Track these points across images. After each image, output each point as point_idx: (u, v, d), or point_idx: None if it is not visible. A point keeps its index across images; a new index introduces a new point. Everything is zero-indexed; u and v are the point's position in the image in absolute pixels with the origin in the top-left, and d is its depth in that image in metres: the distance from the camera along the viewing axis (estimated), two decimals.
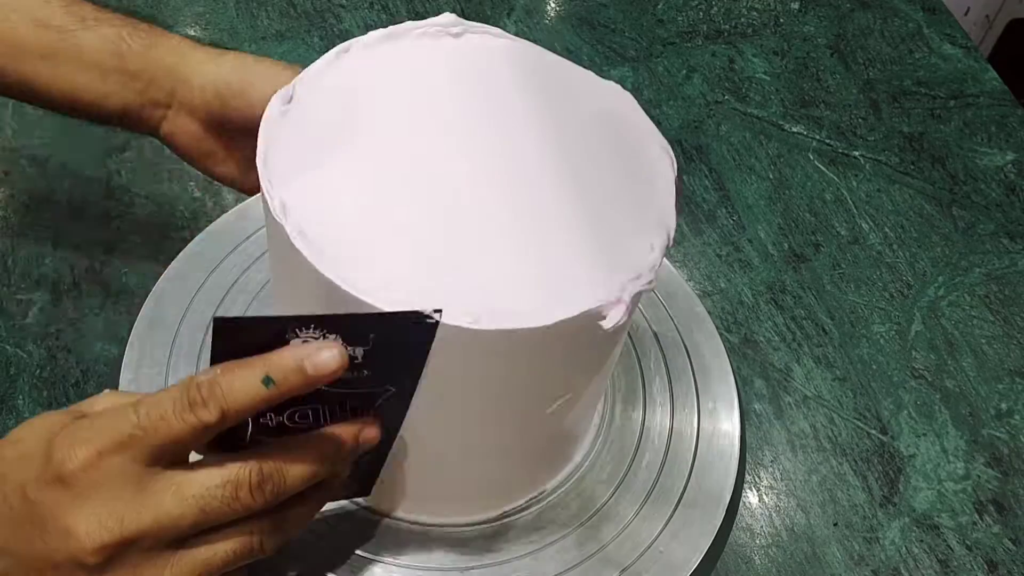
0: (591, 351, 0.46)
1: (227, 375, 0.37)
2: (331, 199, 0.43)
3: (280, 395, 0.37)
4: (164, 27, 0.57)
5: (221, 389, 0.36)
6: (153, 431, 0.36)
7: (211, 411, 0.36)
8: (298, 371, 0.37)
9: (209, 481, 0.37)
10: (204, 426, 0.36)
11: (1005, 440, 0.67)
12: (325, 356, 0.37)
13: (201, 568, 0.38)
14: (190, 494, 0.37)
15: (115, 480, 0.36)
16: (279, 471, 0.38)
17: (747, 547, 0.60)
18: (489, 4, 0.90)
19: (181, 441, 0.37)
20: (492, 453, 0.50)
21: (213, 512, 0.37)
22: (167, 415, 0.36)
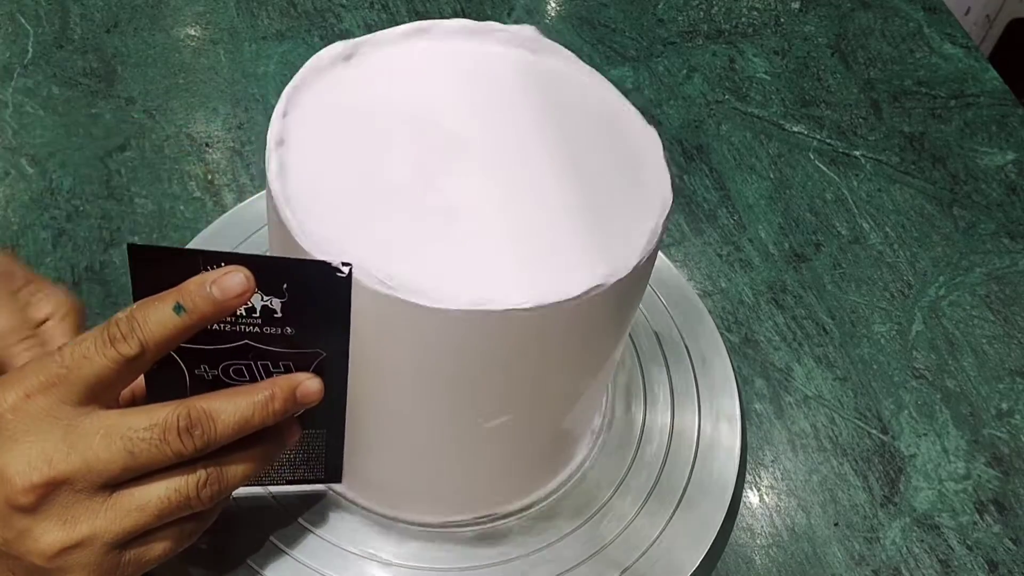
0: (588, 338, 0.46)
1: (142, 308, 0.37)
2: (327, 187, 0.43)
3: (193, 322, 0.38)
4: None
5: (137, 322, 0.37)
6: (77, 369, 0.37)
7: (131, 344, 0.37)
8: (206, 296, 0.37)
9: (136, 423, 0.37)
10: (126, 359, 0.37)
11: (1006, 440, 0.67)
12: (231, 279, 0.37)
13: (136, 513, 0.38)
14: (118, 436, 0.37)
15: (44, 421, 0.36)
16: (208, 416, 0.38)
17: (748, 547, 0.60)
18: (489, 4, 0.90)
19: (106, 378, 0.37)
20: (492, 452, 0.50)
21: (142, 455, 0.37)
22: (89, 352, 0.37)
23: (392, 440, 0.48)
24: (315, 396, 0.42)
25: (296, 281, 0.39)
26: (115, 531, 0.38)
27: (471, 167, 0.45)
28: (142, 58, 0.81)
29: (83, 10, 0.83)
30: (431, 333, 0.41)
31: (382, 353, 0.43)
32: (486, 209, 0.44)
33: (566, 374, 0.47)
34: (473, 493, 0.53)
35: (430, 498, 0.52)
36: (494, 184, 0.45)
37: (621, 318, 0.48)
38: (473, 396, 0.45)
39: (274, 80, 0.80)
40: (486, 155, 0.46)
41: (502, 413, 0.47)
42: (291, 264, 0.39)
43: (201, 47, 0.83)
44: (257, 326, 0.40)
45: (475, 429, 0.47)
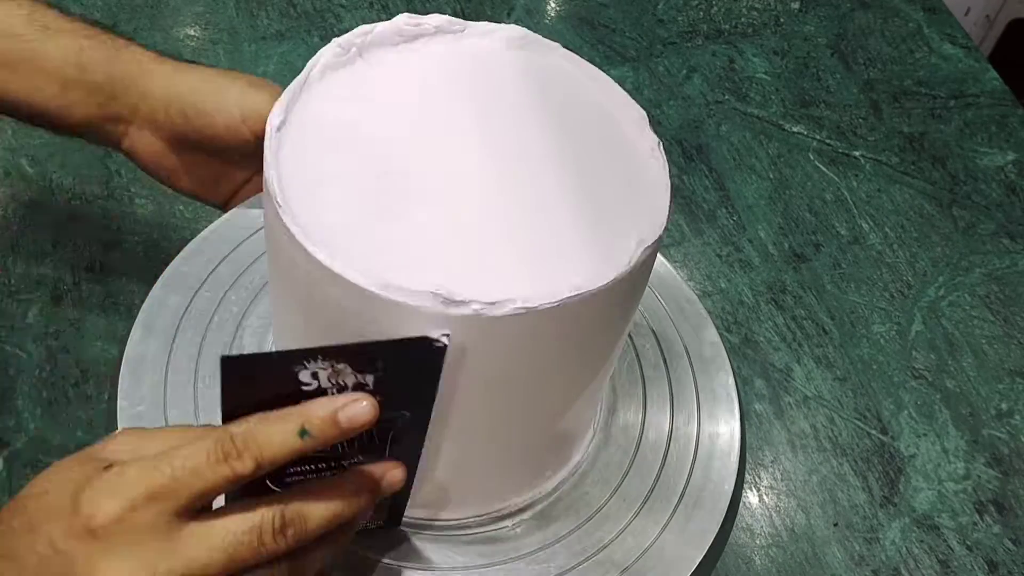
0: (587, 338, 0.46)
1: (263, 426, 0.37)
2: (328, 187, 0.43)
3: (315, 447, 0.38)
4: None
5: (256, 441, 0.37)
6: (187, 484, 0.36)
7: (246, 463, 0.37)
8: (333, 423, 0.37)
9: (235, 528, 0.37)
10: (238, 477, 0.37)
11: (1005, 440, 0.67)
12: (359, 408, 0.38)
13: None
14: (218, 542, 0.37)
15: (145, 532, 0.36)
16: (301, 516, 0.39)
17: (747, 547, 0.60)
18: (489, 4, 0.90)
19: (214, 493, 0.37)
20: (492, 452, 0.50)
21: (240, 558, 0.37)
22: (201, 468, 0.36)
23: None
24: (400, 484, 0.42)
25: (392, 358, 0.38)
26: None
27: (470, 167, 0.45)
28: None
29: (83, 10, 0.83)
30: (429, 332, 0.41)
31: None
32: (484, 209, 0.44)
33: (565, 374, 0.47)
34: (472, 493, 0.53)
35: (428, 498, 0.52)
36: (493, 184, 0.45)
37: (620, 318, 0.48)
38: (471, 396, 0.45)
39: (274, 80, 0.80)
40: (484, 155, 0.46)
41: (501, 413, 0.47)
42: (389, 345, 0.38)
43: (201, 47, 0.83)
44: None
45: (474, 429, 0.47)
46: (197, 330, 0.57)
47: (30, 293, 0.65)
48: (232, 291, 0.59)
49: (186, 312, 0.58)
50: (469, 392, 0.45)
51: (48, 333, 0.63)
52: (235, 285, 0.59)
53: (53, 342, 0.63)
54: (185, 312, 0.58)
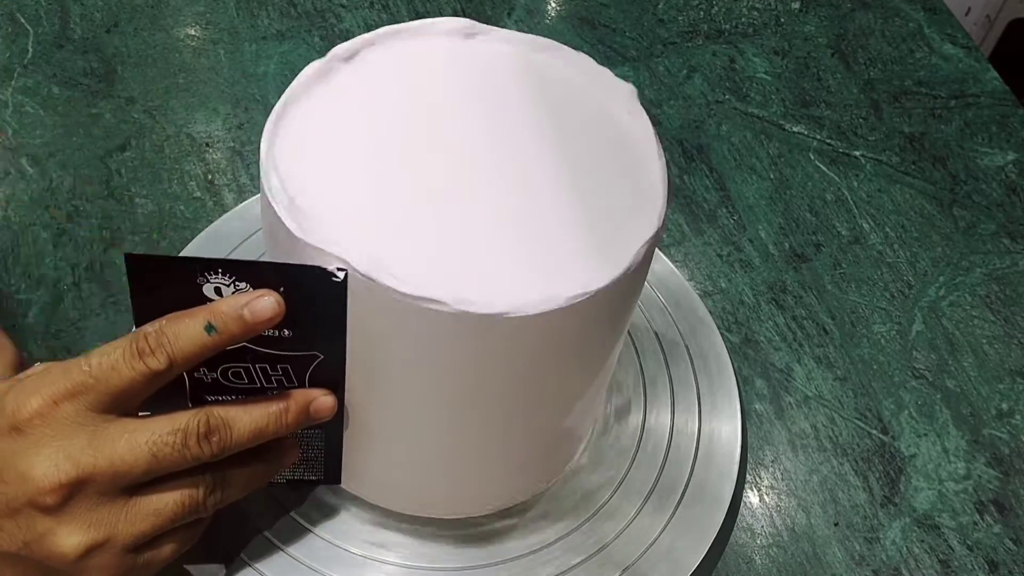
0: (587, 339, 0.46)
1: (172, 324, 0.39)
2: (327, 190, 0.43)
3: (222, 342, 0.39)
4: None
5: (167, 337, 0.38)
6: (105, 379, 0.38)
7: (159, 359, 0.38)
8: (238, 318, 0.39)
9: (161, 428, 0.39)
10: (153, 373, 0.38)
11: (1006, 440, 0.67)
12: (263, 303, 0.39)
13: (152, 516, 0.39)
14: (143, 440, 0.38)
15: (69, 426, 0.38)
16: (226, 423, 0.40)
17: (748, 547, 0.60)
18: (489, 4, 0.90)
19: (132, 389, 0.38)
20: (491, 452, 0.50)
21: (164, 459, 0.39)
22: (118, 364, 0.38)
23: (390, 440, 0.48)
24: (328, 412, 0.43)
25: (293, 286, 0.40)
26: (134, 533, 0.39)
27: (469, 168, 0.45)
28: (142, 58, 0.81)
29: (83, 10, 0.83)
30: (428, 335, 0.41)
31: (380, 354, 0.43)
32: (483, 210, 0.44)
33: (565, 375, 0.47)
34: (472, 493, 0.53)
35: (429, 498, 0.52)
36: (492, 185, 0.45)
37: (619, 319, 0.48)
38: (472, 397, 0.45)
39: (274, 80, 0.80)
40: (484, 155, 0.46)
41: (501, 414, 0.47)
42: (288, 269, 0.40)
43: (201, 47, 0.83)
44: None
45: (474, 429, 0.47)
46: None
47: (30, 293, 0.65)
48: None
49: None
50: (470, 393, 0.45)
51: (48, 333, 0.63)
52: None
53: (53, 342, 0.63)
54: None
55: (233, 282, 0.39)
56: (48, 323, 0.64)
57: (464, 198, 0.44)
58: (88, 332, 0.64)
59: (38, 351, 0.62)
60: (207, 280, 0.39)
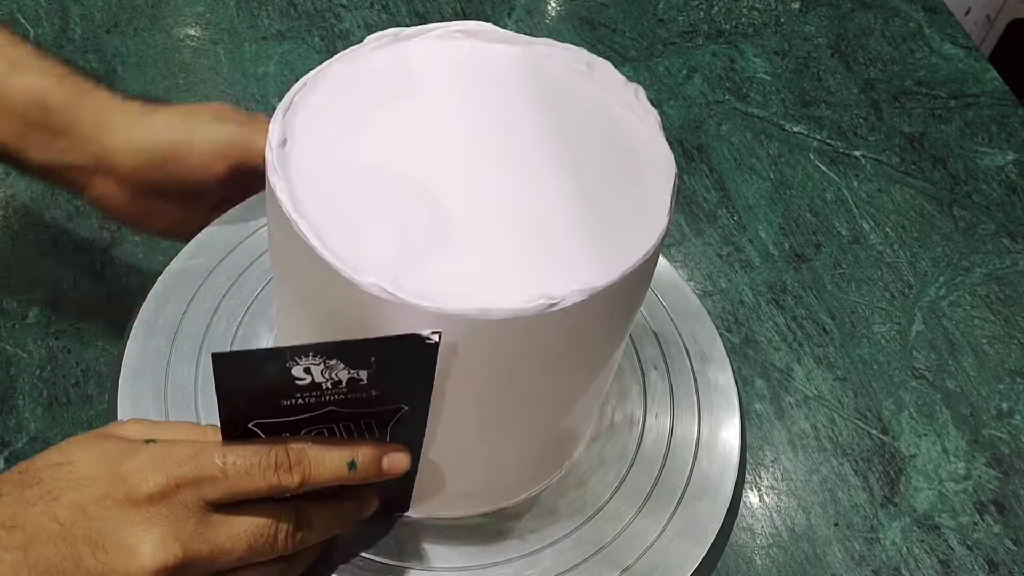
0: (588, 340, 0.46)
1: (316, 449, 0.40)
2: (331, 190, 0.43)
3: (356, 480, 0.40)
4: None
5: (309, 460, 0.39)
6: (235, 480, 0.38)
7: (294, 477, 0.39)
8: (377, 463, 0.41)
9: (258, 523, 0.39)
10: (282, 488, 0.39)
11: (1006, 440, 0.67)
12: (401, 459, 0.42)
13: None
14: (241, 531, 0.39)
15: (181, 511, 0.38)
16: (310, 522, 0.41)
17: (748, 547, 0.60)
18: (489, 4, 0.90)
19: (254, 495, 0.39)
20: (491, 452, 0.50)
21: (257, 549, 0.39)
22: (252, 469, 0.38)
23: None
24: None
25: (384, 354, 0.39)
26: None
27: (471, 169, 0.45)
28: (142, 58, 0.81)
29: (83, 10, 0.83)
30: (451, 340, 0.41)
31: None
32: (486, 211, 0.44)
33: (566, 376, 0.47)
34: (472, 493, 0.53)
35: (428, 498, 0.52)
36: (495, 186, 0.45)
37: (621, 320, 0.48)
38: (472, 397, 0.45)
39: (274, 80, 0.80)
40: (487, 156, 0.46)
41: (501, 414, 0.47)
42: (380, 342, 0.39)
43: (201, 47, 0.83)
44: (343, 394, 0.40)
45: (474, 430, 0.47)
46: (198, 329, 0.57)
47: (30, 293, 0.65)
48: (233, 290, 0.59)
49: (186, 311, 0.58)
50: (471, 393, 0.45)
51: (48, 333, 0.63)
52: (236, 284, 0.59)
53: (53, 342, 0.63)
54: (185, 311, 0.58)
55: (323, 360, 0.38)
56: (48, 323, 0.64)
57: (467, 199, 0.44)
58: (88, 332, 0.64)
59: (38, 351, 0.62)
60: (296, 363, 0.38)
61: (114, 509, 0.37)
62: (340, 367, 0.39)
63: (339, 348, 0.38)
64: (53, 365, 0.62)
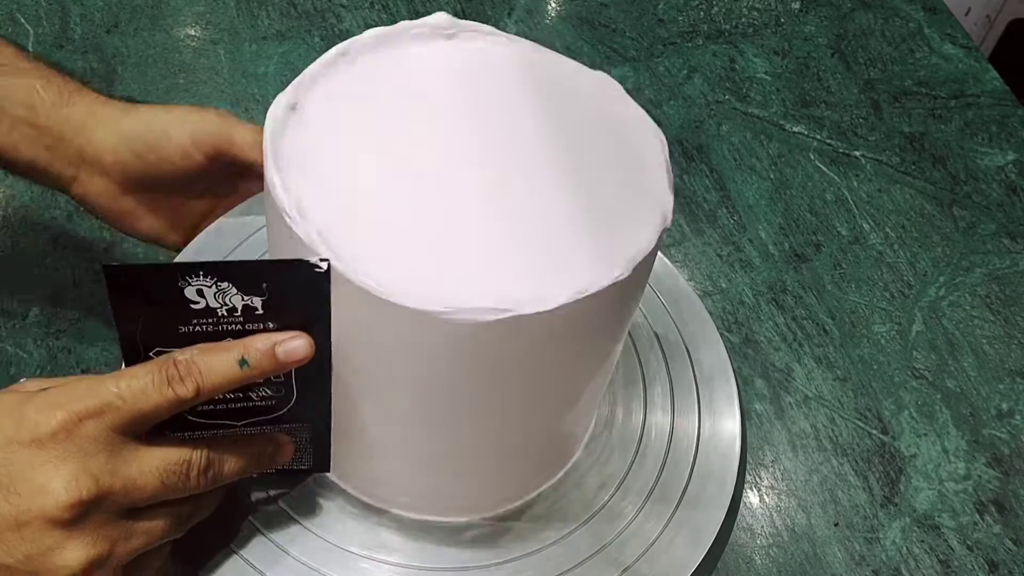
0: (587, 339, 0.46)
1: (205, 355, 0.40)
2: (331, 191, 0.43)
3: (251, 376, 0.40)
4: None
5: (199, 367, 0.39)
6: (132, 402, 0.38)
7: (188, 387, 0.39)
8: (271, 356, 0.40)
9: (170, 458, 0.40)
10: (180, 400, 0.39)
11: (1006, 440, 0.67)
12: (296, 344, 0.40)
13: (143, 538, 0.40)
14: (153, 466, 0.39)
15: (90, 444, 0.38)
16: (221, 460, 0.42)
17: (748, 547, 0.60)
18: (489, 4, 0.90)
19: (155, 413, 0.39)
20: (491, 452, 0.50)
21: (170, 486, 0.40)
22: (147, 388, 0.39)
23: (389, 441, 0.48)
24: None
25: (275, 280, 0.40)
26: (128, 551, 0.40)
27: (470, 168, 0.45)
28: (142, 58, 0.81)
29: (83, 10, 0.83)
30: (428, 336, 0.41)
31: (379, 355, 0.43)
32: (485, 211, 0.44)
33: (565, 376, 0.47)
34: (472, 493, 0.53)
35: (429, 498, 0.52)
36: (493, 185, 0.45)
37: (620, 320, 0.48)
38: (471, 398, 0.45)
39: (274, 80, 0.80)
40: (485, 155, 0.46)
41: (501, 414, 0.47)
42: (271, 265, 0.40)
43: (201, 47, 0.83)
44: (239, 324, 0.41)
45: (473, 430, 0.47)
46: None
47: (30, 293, 0.65)
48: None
49: None
50: (471, 394, 0.45)
51: (48, 333, 0.63)
52: None
53: (53, 342, 0.63)
54: None
55: (215, 282, 0.39)
56: (48, 323, 0.64)
57: (466, 199, 0.44)
58: (88, 332, 0.64)
59: (38, 351, 0.62)
60: (188, 283, 0.39)
61: (21, 452, 0.38)
62: (232, 291, 0.39)
63: (227, 267, 0.39)
64: (53, 365, 0.62)
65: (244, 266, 0.39)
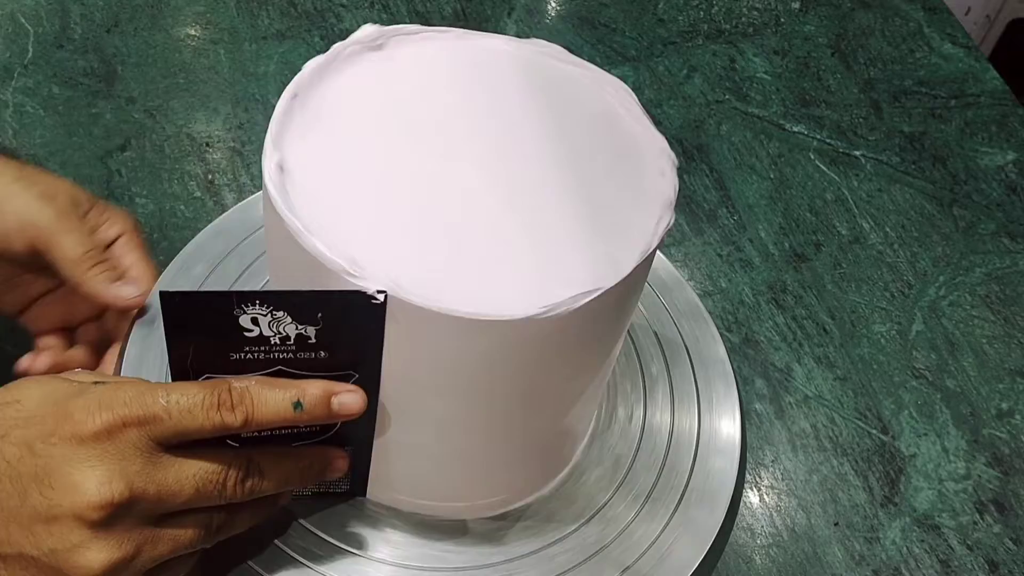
0: (586, 340, 0.46)
1: (261, 388, 0.40)
2: (330, 197, 0.43)
3: (302, 420, 0.40)
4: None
5: (252, 399, 0.39)
6: (178, 419, 0.38)
7: (236, 416, 0.39)
8: (325, 403, 0.40)
9: (207, 467, 0.40)
10: (225, 427, 0.39)
11: (1006, 440, 0.67)
12: (352, 399, 0.41)
13: (171, 542, 0.40)
14: (190, 473, 0.39)
15: (129, 449, 0.38)
16: (261, 473, 0.41)
17: (748, 547, 0.60)
18: (489, 4, 0.90)
19: (198, 434, 0.39)
20: (491, 453, 0.50)
21: (205, 494, 0.40)
22: (195, 409, 0.39)
23: (391, 440, 0.48)
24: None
25: (331, 310, 0.39)
26: (154, 556, 0.40)
27: (470, 169, 0.45)
28: (142, 58, 0.81)
29: (83, 10, 0.83)
30: (427, 337, 0.41)
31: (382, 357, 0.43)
32: (485, 213, 0.44)
33: (564, 376, 0.47)
34: (472, 493, 0.53)
35: (429, 498, 0.52)
36: (494, 187, 0.45)
37: (619, 320, 0.48)
38: (471, 398, 0.45)
39: (274, 80, 0.80)
40: (486, 157, 0.46)
41: (501, 415, 0.47)
42: (327, 295, 0.39)
43: (201, 47, 0.83)
44: (291, 352, 0.40)
45: (473, 431, 0.47)
46: None
47: None
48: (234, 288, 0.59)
49: None
50: (471, 395, 0.45)
51: None
52: (236, 284, 0.59)
53: None
54: None
55: (271, 311, 0.39)
56: None
57: (466, 200, 0.44)
58: None
59: None
60: (244, 311, 0.39)
61: (60, 446, 0.38)
62: (287, 320, 0.39)
63: (285, 297, 0.39)
64: None
65: (301, 296, 0.39)
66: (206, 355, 0.40)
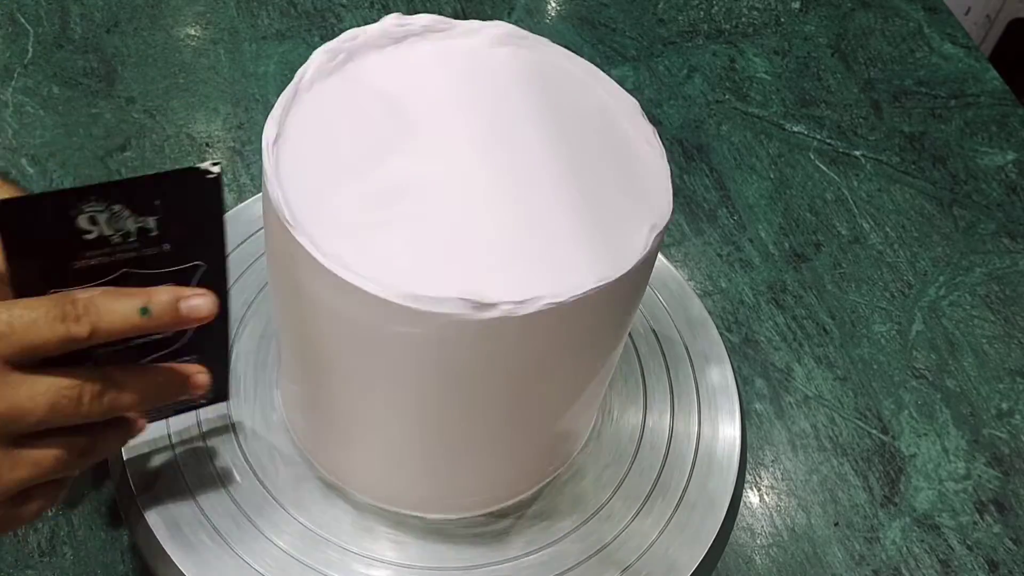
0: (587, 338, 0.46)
1: (106, 298, 0.39)
2: (330, 197, 0.43)
3: (150, 326, 0.39)
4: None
5: (97, 308, 0.38)
6: (22, 332, 0.37)
7: (83, 326, 0.38)
8: (174, 309, 0.40)
9: (60, 383, 0.38)
10: (71, 338, 0.38)
11: (1006, 440, 0.67)
12: (200, 301, 0.40)
13: (32, 466, 0.39)
14: (42, 391, 0.38)
15: None
16: (118, 388, 0.40)
17: (748, 547, 0.60)
18: (489, 3, 0.90)
19: (44, 348, 0.38)
20: (491, 452, 0.50)
21: (60, 411, 0.38)
22: (38, 321, 0.37)
23: (390, 439, 0.48)
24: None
25: (168, 194, 0.39)
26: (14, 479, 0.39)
27: (470, 167, 0.45)
28: (142, 58, 0.81)
29: (83, 10, 0.83)
30: (427, 335, 0.41)
31: (377, 353, 0.43)
32: (485, 212, 0.44)
33: (565, 375, 0.47)
34: (472, 493, 0.53)
35: (429, 497, 0.52)
36: (493, 185, 0.45)
37: (620, 319, 0.48)
38: (471, 397, 0.45)
39: (274, 80, 0.80)
40: (485, 155, 0.46)
41: (501, 414, 0.47)
42: (160, 178, 0.39)
43: (201, 47, 0.83)
44: (134, 250, 0.40)
45: (473, 429, 0.47)
46: None
47: None
48: (233, 290, 0.59)
49: None
50: (470, 393, 0.45)
51: None
52: (236, 284, 0.59)
53: None
54: None
55: (108, 206, 0.38)
56: None
57: (467, 201, 0.44)
58: None
59: None
60: (80, 210, 0.38)
61: None
62: (126, 214, 0.38)
63: (120, 187, 0.38)
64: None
65: (136, 181, 0.38)
66: (48, 267, 0.39)
